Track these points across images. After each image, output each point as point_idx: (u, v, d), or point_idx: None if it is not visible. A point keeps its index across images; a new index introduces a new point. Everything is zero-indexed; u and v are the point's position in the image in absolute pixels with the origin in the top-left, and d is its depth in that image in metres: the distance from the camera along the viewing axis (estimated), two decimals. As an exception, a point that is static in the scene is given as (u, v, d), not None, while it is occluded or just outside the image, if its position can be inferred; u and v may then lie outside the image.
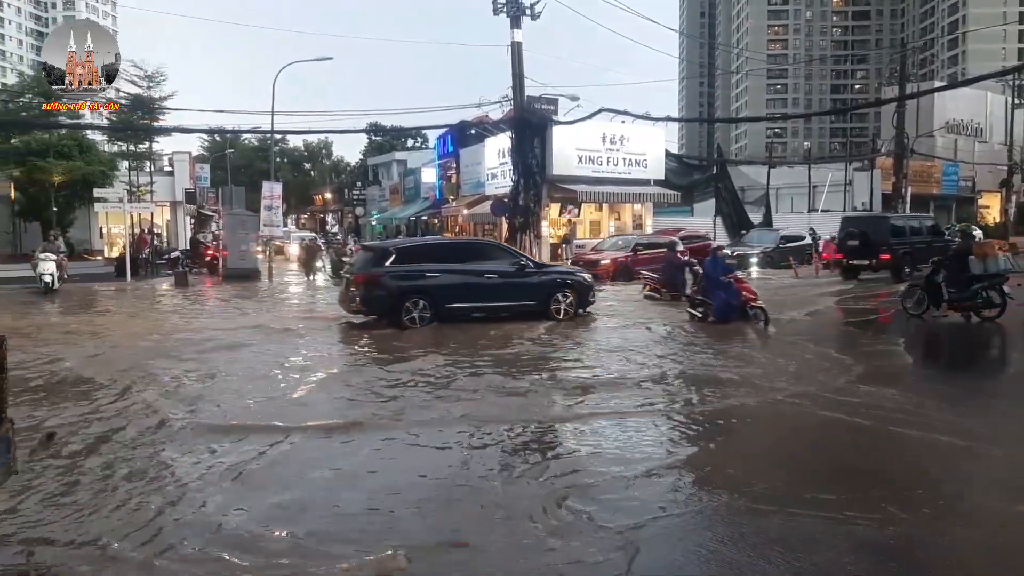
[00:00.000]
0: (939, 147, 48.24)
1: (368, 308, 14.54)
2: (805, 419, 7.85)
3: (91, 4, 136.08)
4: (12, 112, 34.74)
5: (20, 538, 4.80)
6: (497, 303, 14.77)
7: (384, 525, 5.00)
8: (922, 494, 5.55)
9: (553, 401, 8.53)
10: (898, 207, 36.62)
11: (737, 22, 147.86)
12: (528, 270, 15.35)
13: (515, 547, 4.63)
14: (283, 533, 4.86)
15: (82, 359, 11.18)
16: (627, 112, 27.83)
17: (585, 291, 15.59)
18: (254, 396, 8.85)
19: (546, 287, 15.20)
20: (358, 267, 15.10)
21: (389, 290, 14.13)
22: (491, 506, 5.28)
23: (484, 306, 14.65)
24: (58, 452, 6.52)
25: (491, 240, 21.56)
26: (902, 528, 4.84)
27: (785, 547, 4.51)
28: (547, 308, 14.95)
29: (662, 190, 32.59)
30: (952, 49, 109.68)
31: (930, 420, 7.44)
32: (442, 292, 14.28)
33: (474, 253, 16.06)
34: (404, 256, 14.81)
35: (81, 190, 32.39)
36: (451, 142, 40.89)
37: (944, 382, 10.18)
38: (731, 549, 4.58)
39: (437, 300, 14.21)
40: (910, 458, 6.52)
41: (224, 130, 51.39)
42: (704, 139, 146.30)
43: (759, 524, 4.90)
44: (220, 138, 64.82)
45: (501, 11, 25.01)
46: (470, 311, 14.50)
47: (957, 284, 13.66)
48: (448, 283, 14.38)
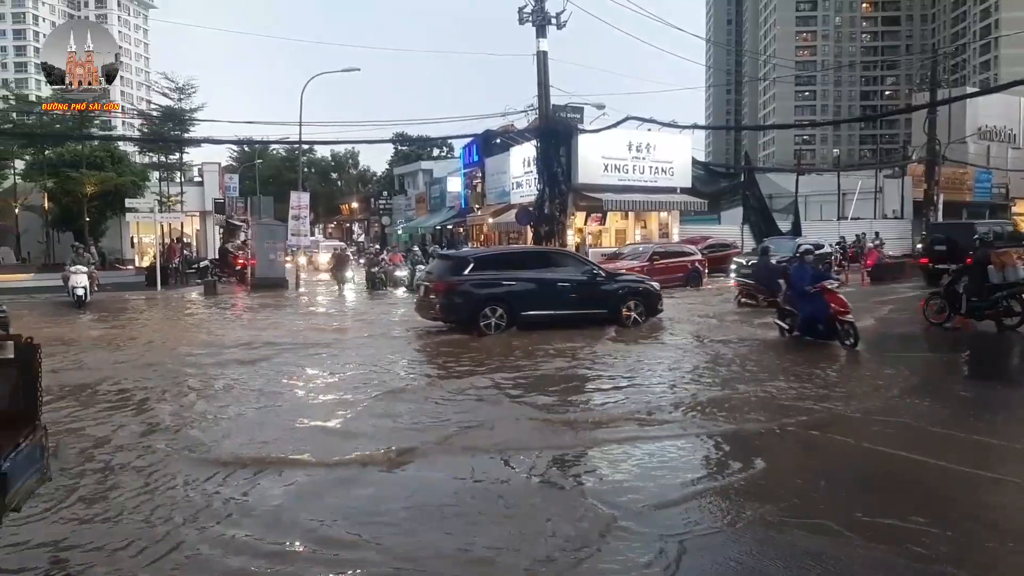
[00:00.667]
0: (971, 153, 47.44)
1: (447, 315, 14.95)
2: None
3: (123, 18, 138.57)
4: (46, 124, 35.34)
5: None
6: (570, 311, 15.07)
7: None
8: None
9: (601, 423, 7.97)
10: (930, 215, 36.13)
11: (764, 28, 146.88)
12: (599, 278, 15.72)
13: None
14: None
15: (111, 369, 11.27)
16: (653, 120, 27.76)
17: (654, 299, 15.98)
18: (284, 419, 8.24)
19: (616, 295, 15.53)
20: (437, 275, 15.45)
21: (468, 298, 14.54)
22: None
23: (558, 314, 14.95)
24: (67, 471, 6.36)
25: (563, 249, 21.76)
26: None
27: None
28: (618, 315, 15.24)
29: (689, 198, 32.43)
30: (984, 54, 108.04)
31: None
32: (518, 300, 14.68)
33: (547, 261, 16.33)
34: (482, 264, 15.28)
35: (113, 200, 32.85)
36: (476, 151, 41.05)
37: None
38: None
39: (513, 307, 14.60)
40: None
41: (253, 140, 52.02)
42: (731, 146, 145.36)
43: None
44: (249, 148, 65.65)
45: (527, 21, 25.08)
46: (544, 318, 14.77)
47: (978, 293, 13.47)
48: (523, 291, 14.81)
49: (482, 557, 4.72)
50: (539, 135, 27.07)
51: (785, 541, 4.86)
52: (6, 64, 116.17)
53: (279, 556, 4.74)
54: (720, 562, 4.65)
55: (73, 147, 34.56)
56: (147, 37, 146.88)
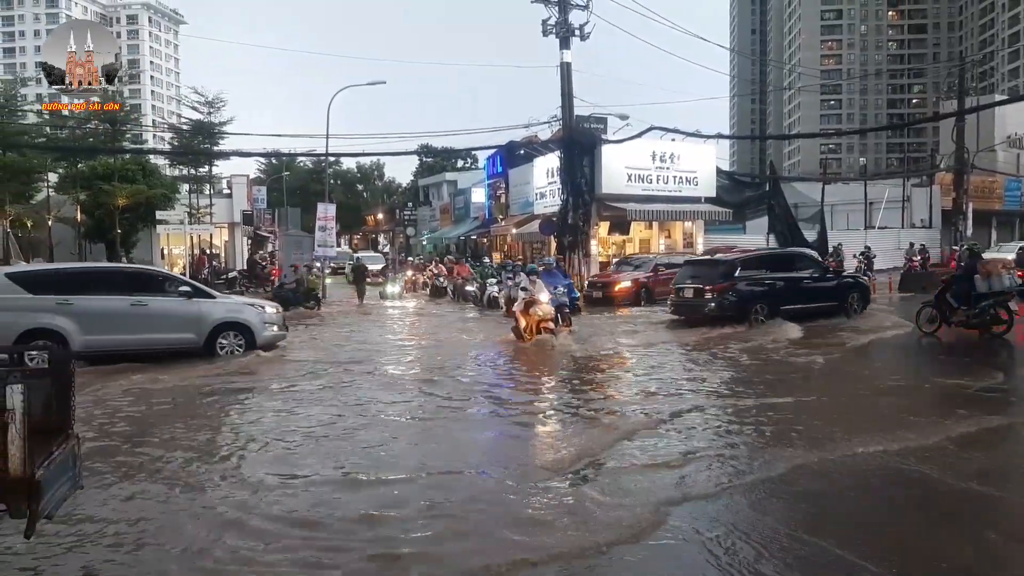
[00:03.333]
0: (1000, 162, 46.86)
1: (721, 312, 16.79)
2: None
3: (154, 34, 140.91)
4: (79, 138, 36.02)
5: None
6: (812, 304, 17.33)
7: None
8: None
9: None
10: (959, 224, 35.66)
11: (789, 38, 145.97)
12: (828, 275, 18.83)
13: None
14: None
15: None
16: (677, 130, 27.72)
17: (867, 292, 19.10)
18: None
19: (842, 289, 18.28)
20: (706, 279, 17.33)
21: (741, 296, 16.88)
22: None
23: (804, 307, 17.03)
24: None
25: (801, 250, 23.18)
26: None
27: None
28: (844, 306, 17.77)
29: (713, 208, 32.24)
30: (1013, 62, 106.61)
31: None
32: (777, 296, 17.00)
33: (792, 262, 18.98)
34: (746, 267, 17.62)
35: (144, 212, 33.39)
36: (500, 162, 41.19)
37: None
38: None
39: (774, 303, 16.82)
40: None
41: (280, 153, 52.64)
42: (756, 156, 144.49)
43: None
44: (276, 161, 66.39)
45: (551, 32, 25.25)
46: (796, 312, 16.61)
47: (966, 302, 13.91)
48: (780, 288, 17.22)
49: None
50: (563, 146, 27.14)
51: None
52: (40, 79, 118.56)
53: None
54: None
55: (105, 160, 35.19)
56: (177, 52, 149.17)
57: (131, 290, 13.24)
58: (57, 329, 12.15)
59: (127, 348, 12.73)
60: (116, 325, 12.69)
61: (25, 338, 11.77)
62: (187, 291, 13.57)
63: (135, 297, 13.03)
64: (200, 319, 13.25)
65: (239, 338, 13.54)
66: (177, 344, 13.16)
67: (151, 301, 13.11)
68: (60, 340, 11.91)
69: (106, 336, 12.58)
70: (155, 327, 13.00)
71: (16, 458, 3.67)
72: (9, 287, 12.33)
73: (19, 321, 12.01)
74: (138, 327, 12.85)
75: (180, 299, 13.30)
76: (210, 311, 13.41)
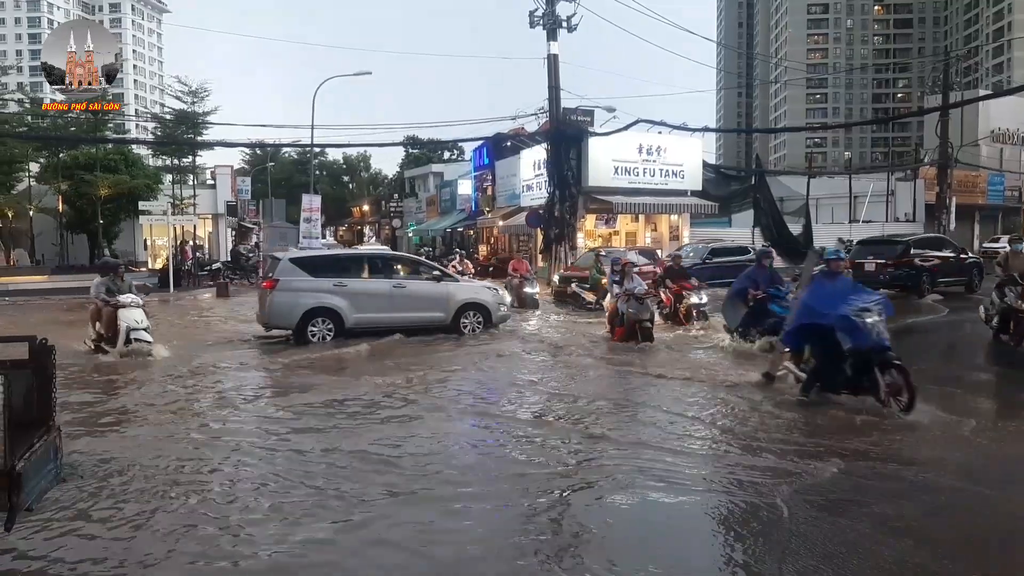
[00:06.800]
0: (984, 157, 47.17)
1: (898, 281, 20.33)
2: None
3: (137, 22, 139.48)
4: (60, 127, 35.60)
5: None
6: (953, 277, 21.19)
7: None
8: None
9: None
10: (942, 218, 35.91)
11: (776, 31, 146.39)
12: (963, 256, 22.16)
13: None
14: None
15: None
16: (664, 123, 27.73)
17: (983, 271, 21.98)
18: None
19: (967, 268, 21.82)
20: (887, 255, 20.49)
21: (917, 269, 20.25)
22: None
23: (952, 280, 21.18)
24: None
25: (942, 236, 25.69)
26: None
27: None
28: (969, 281, 21.56)
29: (699, 201, 32.33)
30: (997, 57, 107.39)
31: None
32: (934, 272, 20.53)
33: (940, 245, 22.06)
34: (918, 246, 20.96)
35: (126, 203, 33.09)
36: (487, 154, 41.07)
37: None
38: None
39: (932, 276, 20.40)
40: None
41: (265, 144, 52.19)
42: (742, 149, 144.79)
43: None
44: (261, 152, 65.92)
45: (538, 24, 25.19)
46: (948, 284, 20.99)
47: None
48: (939, 265, 20.70)
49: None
50: (549, 138, 27.11)
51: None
52: (21, 68, 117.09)
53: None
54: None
55: (87, 150, 34.84)
56: (161, 41, 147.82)
57: (391, 273, 14.83)
58: (336, 308, 13.69)
59: (389, 325, 14.14)
60: (380, 305, 14.15)
61: (308, 316, 13.46)
62: (437, 275, 15.20)
63: (395, 280, 14.57)
64: (448, 299, 14.69)
65: (478, 316, 14.96)
66: (429, 322, 14.55)
67: (408, 283, 14.64)
68: (336, 318, 13.65)
69: (373, 314, 14.04)
70: (413, 306, 14.45)
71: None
72: (294, 271, 13.79)
73: (305, 301, 13.54)
74: (399, 306, 14.31)
75: (431, 282, 14.86)
76: (456, 292, 14.89)
